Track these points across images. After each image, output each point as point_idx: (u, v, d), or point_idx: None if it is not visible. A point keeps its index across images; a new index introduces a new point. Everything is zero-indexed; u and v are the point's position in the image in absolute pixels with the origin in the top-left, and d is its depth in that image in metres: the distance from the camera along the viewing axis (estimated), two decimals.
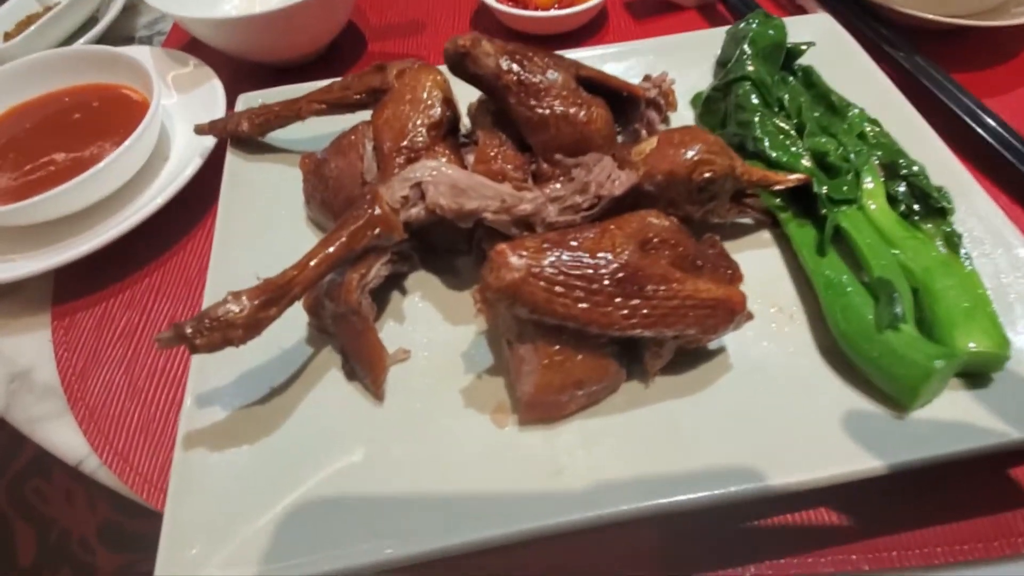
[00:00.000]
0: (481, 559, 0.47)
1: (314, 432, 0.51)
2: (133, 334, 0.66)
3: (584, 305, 0.44)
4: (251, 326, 0.44)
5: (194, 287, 0.68)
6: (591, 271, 0.45)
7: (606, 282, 0.45)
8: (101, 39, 0.97)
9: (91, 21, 0.98)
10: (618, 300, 0.45)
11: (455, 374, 0.54)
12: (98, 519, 1.69)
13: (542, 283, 0.44)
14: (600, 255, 0.45)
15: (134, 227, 0.67)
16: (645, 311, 0.45)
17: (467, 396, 0.53)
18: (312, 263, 0.48)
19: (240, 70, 0.91)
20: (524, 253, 0.44)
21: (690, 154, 0.53)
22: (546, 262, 0.44)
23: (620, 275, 0.45)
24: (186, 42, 0.97)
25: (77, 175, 0.66)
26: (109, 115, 0.79)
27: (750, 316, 0.50)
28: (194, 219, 0.74)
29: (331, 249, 0.49)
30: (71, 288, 0.70)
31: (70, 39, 0.97)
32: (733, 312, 0.47)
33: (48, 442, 0.62)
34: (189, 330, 0.42)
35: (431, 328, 0.58)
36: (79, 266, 0.67)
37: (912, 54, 0.81)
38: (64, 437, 0.61)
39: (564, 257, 0.45)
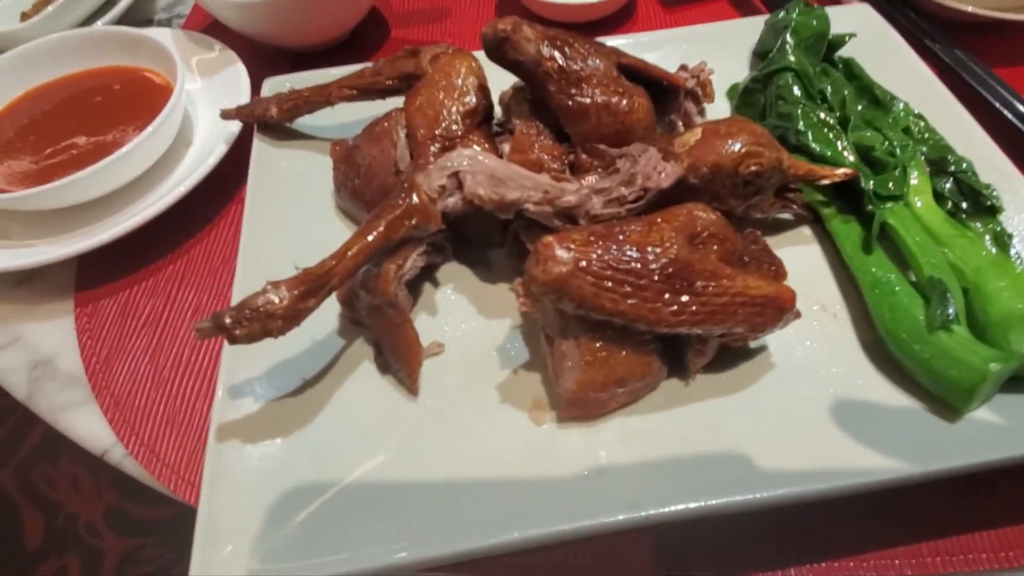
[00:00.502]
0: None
1: (347, 428, 0.50)
2: (158, 323, 0.64)
3: (632, 301, 0.43)
4: (291, 317, 0.43)
5: (219, 276, 0.67)
6: (639, 265, 0.43)
7: (655, 277, 0.43)
8: (119, 21, 0.95)
9: (109, 2, 0.96)
10: (667, 296, 0.43)
11: (490, 369, 0.53)
12: (104, 504, 1.70)
13: (590, 277, 0.42)
14: (649, 249, 0.44)
15: (158, 214, 0.66)
16: (694, 308, 0.44)
17: (503, 392, 0.52)
18: (350, 253, 0.46)
19: (261, 55, 0.89)
20: (572, 246, 0.43)
21: (737, 146, 0.51)
22: (594, 256, 0.43)
23: (669, 270, 0.44)
24: (205, 26, 0.95)
25: (99, 159, 0.65)
26: (131, 99, 0.77)
27: (798, 314, 0.48)
28: (218, 206, 0.73)
29: (369, 239, 0.47)
30: (94, 275, 0.69)
31: (88, 20, 0.95)
32: (783, 310, 0.46)
33: (72, 431, 0.61)
34: (228, 320, 0.41)
35: (465, 321, 0.56)
36: (102, 253, 0.66)
37: (950, 47, 0.79)
38: (88, 426, 0.60)
39: (612, 251, 0.43)
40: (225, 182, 0.73)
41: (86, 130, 0.74)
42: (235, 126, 0.71)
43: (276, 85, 0.72)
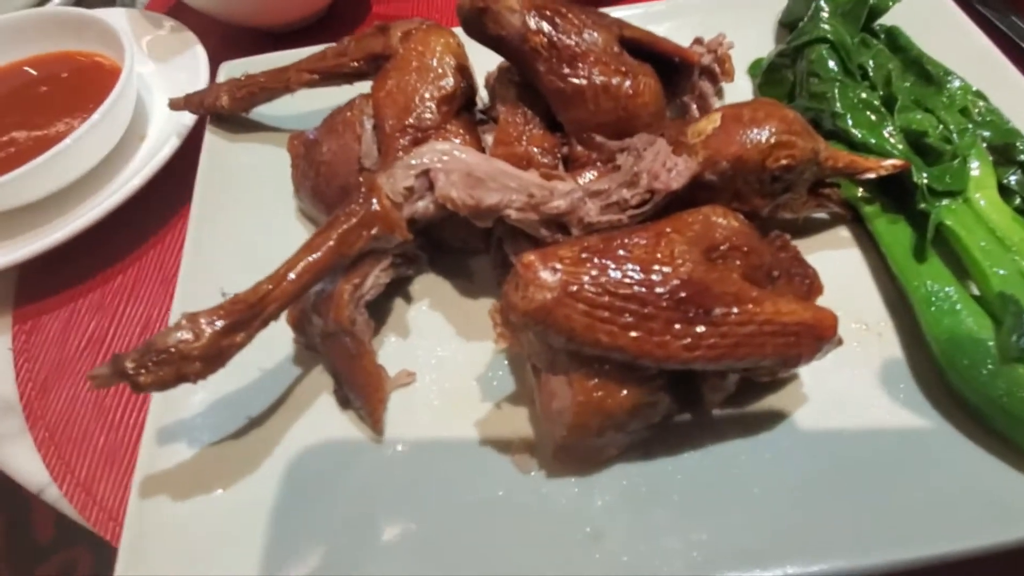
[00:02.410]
0: None
1: (300, 477, 0.42)
2: (102, 342, 0.57)
3: (635, 333, 0.34)
4: (212, 357, 0.35)
5: (172, 287, 0.59)
6: (644, 289, 0.35)
7: (663, 304, 0.35)
8: (80, 2, 0.87)
9: None
10: (678, 327, 0.35)
11: (469, 402, 0.45)
12: None
13: (581, 305, 0.34)
14: (655, 268, 0.35)
15: (105, 216, 0.59)
16: (712, 340, 0.35)
17: (484, 431, 0.44)
18: (292, 275, 0.38)
19: (229, 36, 0.81)
20: (559, 266, 0.34)
21: (764, 135, 0.42)
22: (587, 278, 0.35)
23: (681, 294, 0.35)
24: (172, 5, 0.87)
25: (40, 155, 0.57)
26: (80, 87, 0.69)
27: (840, 342, 0.40)
28: (173, 208, 0.65)
29: (316, 256, 0.39)
30: (35, 287, 0.62)
31: (43, 3, 0.87)
32: (821, 339, 0.38)
33: (8, 466, 0.54)
34: (131, 365, 0.33)
35: (441, 344, 0.48)
36: (44, 262, 0.59)
37: (1006, 12, 0.68)
38: (24, 461, 0.53)
39: (610, 271, 0.35)
40: (181, 180, 0.65)
41: (28, 123, 0.67)
42: (189, 117, 0.64)
43: (232, 70, 0.64)
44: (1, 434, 0.55)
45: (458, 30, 0.52)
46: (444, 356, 0.48)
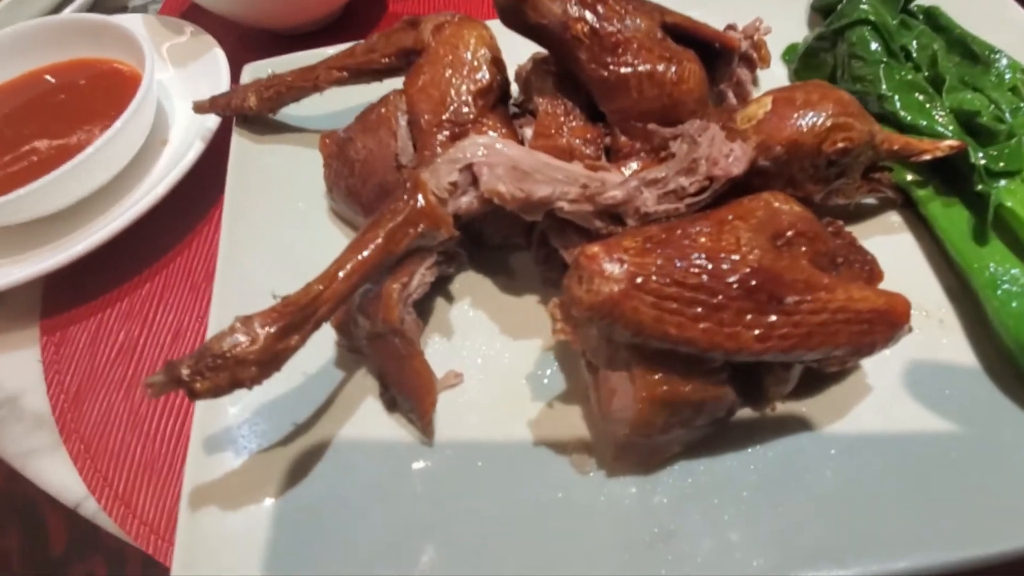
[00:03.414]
0: None
1: (348, 484, 0.41)
2: (133, 351, 0.56)
3: (705, 324, 0.33)
4: (267, 362, 0.34)
5: (201, 293, 0.58)
6: (713, 279, 0.33)
7: (734, 293, 0.33)
8: (92, 7, 0.86)
9: None
10: (749, 317, 0.33)
11: (520, 402, 0.44)
12: None
13: (649, 297, 0.33)
14: (722, 256, 0.34)
15: (130, 224, 0.58)
16: (785, 330, 0.34)
17: (537, 432, 0.42)
18: (341, 274, 0.37)
19: (246, 38, 0.80)
20: (625, 257, 0.33)
21: (820, 118, 0.41)
22: (653, 268, 0.33)
23: (752, 282, 0.34)
24: (185, 8, 0.86)
25: (62, 165, 0.56)
26: (98, 94, 0.68)
27: (910, 329, 0.38)
28: (199, 213, 0.64)
29: (364, 254, 0.38)
30: (62, 298, 0.60)
31: (58, 8, 0.86)
32: (895, 326, 0.36)
33: (41, 480, 0.53)
34: (186, 371, 0.32)
35: (487, 343, 0.47)
36: (70, 272, 0.58)
37: None
38: (59, 475, 0.52)
39: (676, 261, 0.33)
40: (206, 184, 0.64)
41: (48, 132, 0.66)
42: (212, 120, 0.62)
43: (256, 71, 0.63)
44: (33, 448, 0.54)
45: (490, 22, 0.51)
46: (490, 355, 0.46)
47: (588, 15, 0.44)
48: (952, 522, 0.37)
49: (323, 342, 0.46)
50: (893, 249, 0.48)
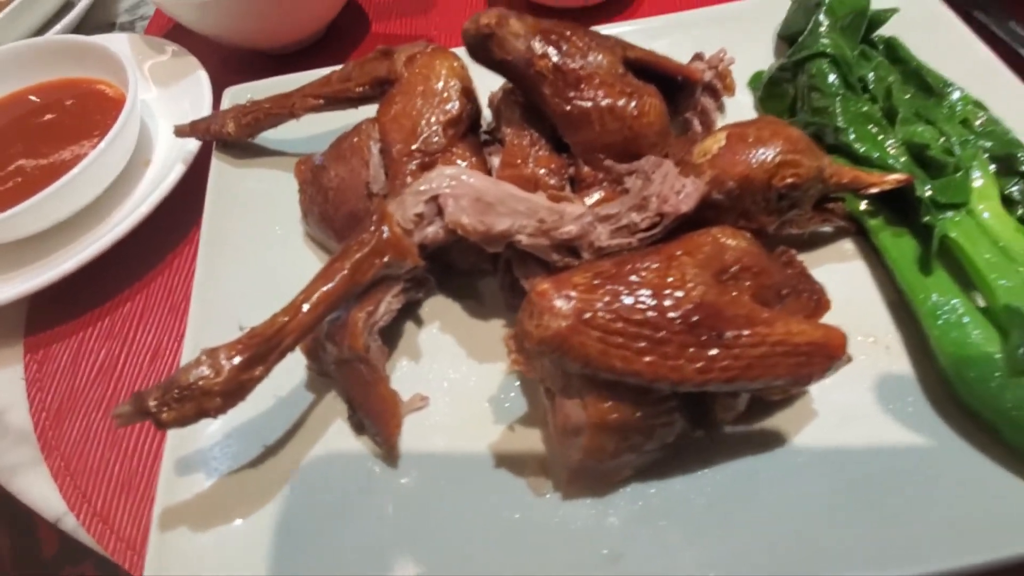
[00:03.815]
0: None
1: (318, 504, 0.42)
2: (113, 370, 0.57)
3: (649, 358, 0.35)
4: (232, 392, 0.35)
5: (180, 314, 0.60)
6: (657, 314, 0.35)
7: (676, 328, 0.35)
8: (78, 27, 0.87)
9: (66, 7, 0.88)
10: (691, 351, 0.35)
11: (482, 425, 0.46)
12: None
13: (596, 332, 0.34)
14: (667, 292, 0.36)
15: (113, 244, 0.59)
16: (725, 363, 0.36)
17: (498, 454, 0.44)
18: (307, 306, 0.39)
19: (231, 58, 0.81)
20: (572, 293, 0.35)
21: (770, 154, 0.43)
22: (600, 304, 0.35)
23: (694, 318, 0.35)
24: (172, 27, 0.88)
25: (48, 185, 0.57)
26: (83, 114, 0.70)
27: (849, 359, 0.40)
28: (180, 234, 0.65)
29: (330, 285, 0.39)
30: (45, 317, 0.62)
31: (43, 29, 0.87)
32: (832, 358, 0.38)
33: (23, 495, 0.55)
34: (153, 402, 0.34)
35: (453, 367, 0.49)
36: (53, 291, 0.59)
37: (1005, 19, 0.69)
38: (41, 490, 0.54)
39: (623, 297, 0.35)
40: (187, 205, 0.65)
41: (34, 152, 0.67)
42: (194, 143, 0.64)
43: (237, 95, 0.64)
44: (16, 463, 0.55)
45: (460, 51, 0.52)
46: (456, 379, 0.48)
47: (551, 51, 0.46)
48: (892, 541, 0.38)
49: (294, 366, 0.47)
50: (845, 276, 0.50)
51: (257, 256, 0.55)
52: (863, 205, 0.51)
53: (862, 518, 0.39)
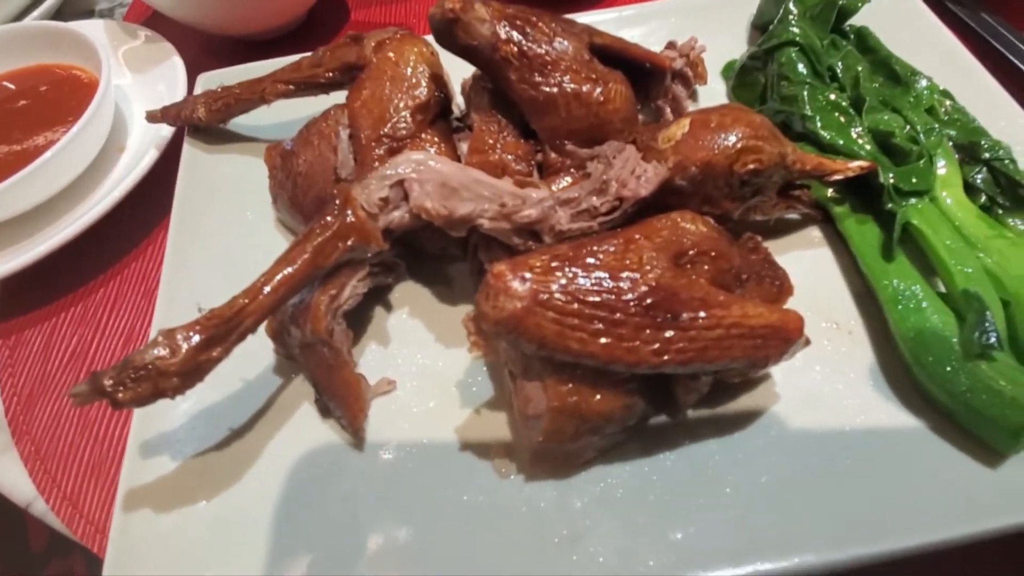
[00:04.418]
0: None
1: (283, 487, 0.43)
2: (85, 356, 0.57)
3: (605, 340, 0.35)
4: (189, 373, 0.36)
5: (154, 299, 0.59)
6: (613, 297, 0.36)
7: (632, 310, 0.35)
8: (56, 14, 0.87)
9: None
10: (647, 332, 0.35)
11: (450, 409, 0.46)
12: None
13: (551, 313, 0.35)
14: (624, 275, 0.36)
15: (86, 228, 0.59)
16: (680, 344, 0.36)
17: (464, 437, 0.44)
18: (267, 288, 0.39)
19: (209, 46, 0.81)
20: (528, 275, 0.35)
21: (732, 140, 0.43)
22: (556, 286, 0.35)
23: (649, 300, 0.36)
24: (149, 16, 0.87)
25: (20, 169, 0.57)
26: (58, 100, 0.69)
27: (807, 342, 0.40)
28: (154, 219, 0.65)
29: (291, 269, 0.40)
30: (17, 302, 0.62)
31: (23, 15, 0.86)
32: (788, 341, 0.38)
33: None
34: (109, 382, 0.34)
35: (421, 351, 0.49)
36: (25, 276, 0.59)
37: (976, 9, 0.69)
38: (11, 475, 0.54)
39: (580, 279, 0.36)
40: (161, 192, 0.65)
41: (7, 138, 0.67)
42: (168, 128, 0.64)
43: (208, 81, 0.64)
44: None
45: (432, 38, 0.52)
46: (425, 364, 0.48)
47: (516, 37, 0.46)
48: (851, 522, 0.39)
49: (261, 349, 0.47)
50: (811, 263, 0.51)
51: (227, 241, 0.55)
52: (830, 192, 0.51)
53: (820, 499, 0.40)
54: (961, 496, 0.39)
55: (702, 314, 0.36)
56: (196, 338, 0.36)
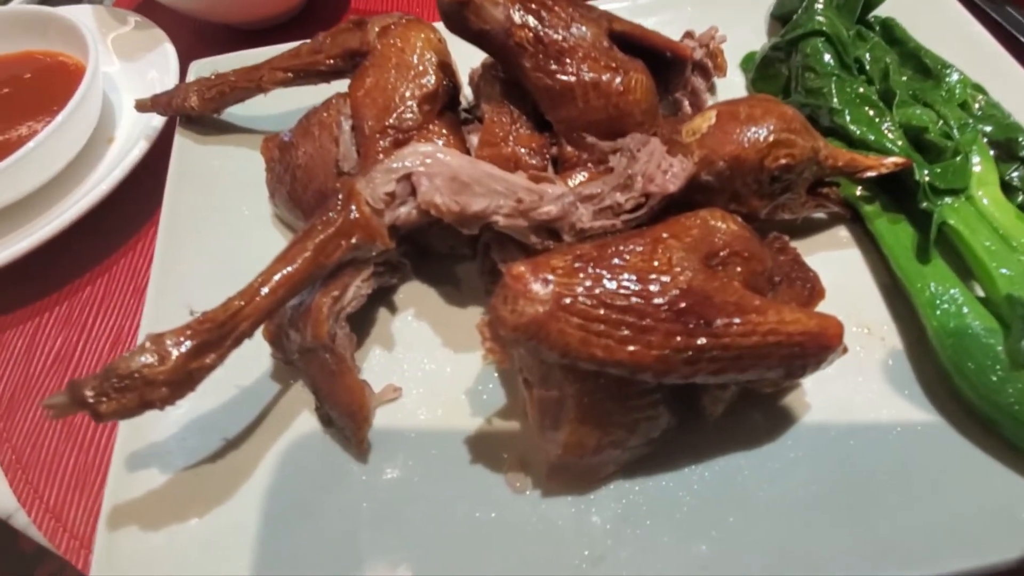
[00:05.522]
0: None
1: (281, 503, 0.40)
2: (70, 359, 0.54)
3: (633, 347, 0.32)
4: (179, 382, 0.33)
5: (143, 300, 0.56)
6: (641, 300, 0.33)
7: (663, 315, 0.33)
8: (47, 1, 0.83)
9: None
10: (678, 339, 0.33)
11: (459, 418, 0.43)
12: None
13: (576, 319, 0.32)
14: (653, 277, 0.33)
15: (71, 223, 0.56)
16: (714, 353, 0.33)
17: (474, 449, 0.42)
18: (265, 289, 0.36)
19: (202, 34, 0.78)
20: (551, 277, 0.32)
21: (762, 133, 0.41)
22: (581, 289, 0.32)
23: (681, 304, 0.33)
24: (141, 1, 0.84)
25: (2, 161, 0.54)
26: (43, 88, 0.66)
27: (845, 350, 0.38)
28: (144, 214, 0.62)
29: (291, 268, 0.37)
30: None
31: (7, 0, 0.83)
32: (827, 348, 0.36)
33: None
34: (90, 392, 0.31)
35: (428, 356, 0.46)
36: (7, 274, 0.56)
37: (1002, 3, 0.67)
38: None
39: (606, 282, 0.33)
40: (152, 185, 0.62)
41: None
42: (159, 119, 0.61)
43: (201, 68, 0.61)
44: None
45: (439, 25, 0.49)
46: (431, 369, 0.45)
47: (531, 21, 0.43)
48: (887, 541, 0.36)
49: (258, 355, 0.45)
50: (840, 264, 0.48)
51: (221, 239, 0.52)
52: (859, 190, 0.49)
53: (856, 517, 0.37)
54: (1007, 516, 0.36)
55: (737, 320, 0.33)
56: (187, 344, 0.33)
